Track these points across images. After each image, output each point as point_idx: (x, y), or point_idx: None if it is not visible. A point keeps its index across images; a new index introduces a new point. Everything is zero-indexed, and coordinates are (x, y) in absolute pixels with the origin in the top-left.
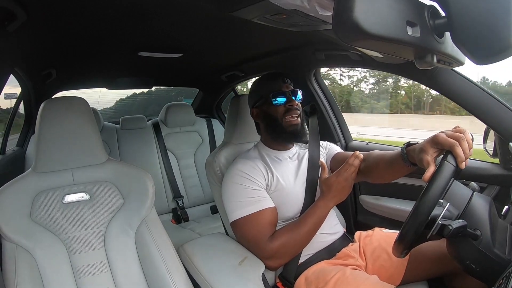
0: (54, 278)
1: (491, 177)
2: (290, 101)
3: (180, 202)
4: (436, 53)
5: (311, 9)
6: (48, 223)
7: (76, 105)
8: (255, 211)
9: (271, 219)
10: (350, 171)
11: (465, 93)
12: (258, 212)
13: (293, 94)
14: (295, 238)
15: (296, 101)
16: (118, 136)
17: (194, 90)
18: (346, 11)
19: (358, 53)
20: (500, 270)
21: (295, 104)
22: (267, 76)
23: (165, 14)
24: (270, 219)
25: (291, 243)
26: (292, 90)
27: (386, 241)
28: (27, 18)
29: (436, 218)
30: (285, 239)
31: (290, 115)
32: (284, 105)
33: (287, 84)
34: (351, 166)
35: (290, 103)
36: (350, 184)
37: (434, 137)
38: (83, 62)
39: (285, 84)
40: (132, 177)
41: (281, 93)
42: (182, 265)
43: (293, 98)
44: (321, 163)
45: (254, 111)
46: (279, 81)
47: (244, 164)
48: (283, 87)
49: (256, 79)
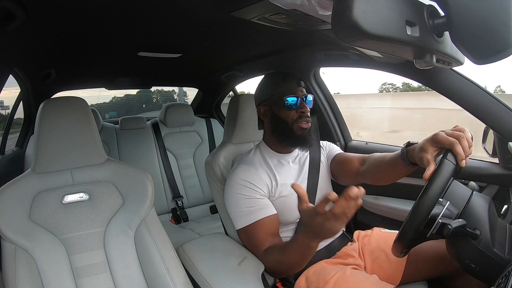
0: (53, 279)
1: (491, 177)
2: (302, 107)
3: (180, 202)
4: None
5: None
6: (48, 224)
7: (76, 105)
8: (254, 221)
9: (271, 228)
10: (327, 218)
11: (465, 93)
12: (257, 222)
13: (306, 99)
14: (283, 262)
15: (308, 108)
16: (117, 136)
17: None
18: (345, 11)
19: (358, 53)
20: (500, 270)
21: (307, 111)
22: (281, 75)
23: (165, 14)
24: (270, 228)
25: (280, 266)
26: (305, 95)
27: (384, 242)
28: (26, 18)
29: (436, 217)
30: (275, 260)
31: (301, 121)
32: (296, 110)
33: (301, 87)
34: (318, 216)
35: (303, 109)
36: (332, 230)
37: (434, 136)
38: (83, 62)
39: (299, 88)
40: (132, 177)
41: (295, 97)
42: (181, 265)
43: (306, 104)
44: (295, 187)
45: (261, 108)
46: (294, 83)
47: (246, 171)
48: (298, 90)
49: (268, 74)
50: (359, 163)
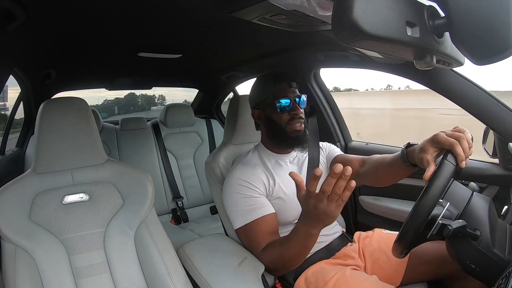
0: (53, 279)
1: (491, 177)
2: (295, 109)
3: (180, 202)
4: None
5: (311, 9)
6: (48, 224)
7: (76, 106)
8: (252, 219)
9: (269, 226)
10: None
11: (465, 93)
12: (256, 221)
13: (298, 99)
14: (284, 256)
15: (300, 109)
16: (117, 136)
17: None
18: (346, 12)
19: (358, 53)
20: (500, 270)
21: (300, 112)
22: (272, 77)
23: (165, 15)
24: (269, 226)
25: (280, 260)
26: (297, 96)
27: (385, 243)
28: (26, 18)
29: (436, 218)
30: (274, 255)
31: (294, 123)
32: (289, 112)
33: (293, 88)
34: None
35: (295, 111)
36: (328, 213)
37: (434, 136)
38: (83, 62)
39: (291, 89)
40: (132, 178)
41: (287, 99)
42: (181, 265)
43: (298, 105)
44: (292, 175)
45: (255, 112)
46: (285, 84)
47: (243, 171)
48: (289, 92)
49: (260, 77)
50: (359, 165)
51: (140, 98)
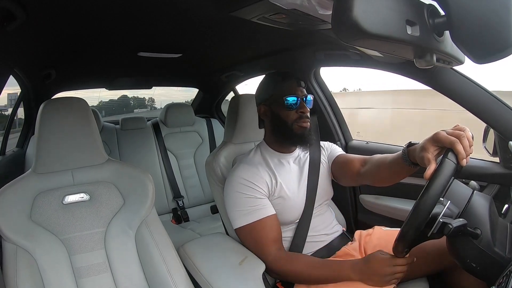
0: (54, 279)
1: (491, 176)
2: (302, 107)
3: (180, 202)
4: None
5: (311, 8)
6: (48, 224)
7: (76, 106)
8: (255, 220)
9: (271, 227)
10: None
11: (465, 92)
12: (258, 221)
13: (305, 99)
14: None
15: (307, 108)
16: (118, 136)
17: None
18: (346, 11)
19: (358, 52)
20: (501, 269)
21: (307, 111)
22: (282, 75)
23: (165, 14)
24: (271, 227)
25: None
26: (305, 95)
27: (386, 239)
28: (26, 18)
29: (436, 216)
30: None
31: (301, 122)
32: (296, 110)
33: (301, 88)
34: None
35: (302, 109)
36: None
37: (434, 135)
38: (83, 62)
39: (299, 88)
40: (132, 178)
41: (294, 97)
42: (182, 265)
43: (305, 105)
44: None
45: (262, 108)
46: (294, 83)
47: (246, 170)
48: (297, 90)
49: (268, 74)
50: (360, 164)
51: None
